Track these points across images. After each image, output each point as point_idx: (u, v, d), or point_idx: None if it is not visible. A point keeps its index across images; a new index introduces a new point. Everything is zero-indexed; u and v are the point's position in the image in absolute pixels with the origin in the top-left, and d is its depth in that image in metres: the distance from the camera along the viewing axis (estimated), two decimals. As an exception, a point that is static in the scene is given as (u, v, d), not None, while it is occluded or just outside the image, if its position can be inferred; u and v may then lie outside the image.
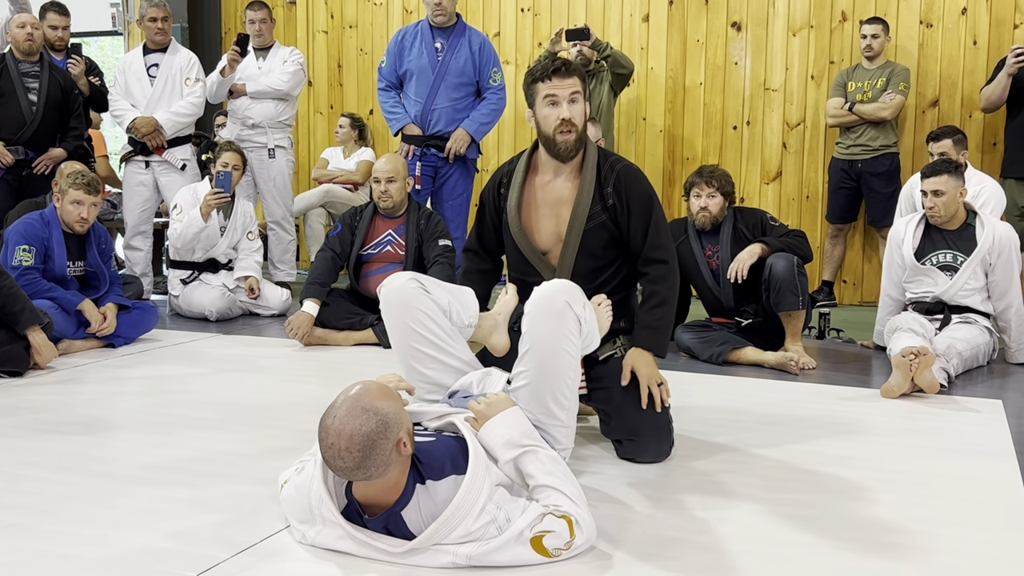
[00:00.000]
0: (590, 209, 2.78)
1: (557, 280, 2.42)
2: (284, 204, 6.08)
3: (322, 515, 2.02)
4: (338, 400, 1.91)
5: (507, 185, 2.89)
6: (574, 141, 2.74)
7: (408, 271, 2.60)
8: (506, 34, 6.86)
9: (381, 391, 1.92)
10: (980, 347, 4.10)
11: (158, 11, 5.63)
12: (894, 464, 2.77)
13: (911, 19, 6.00)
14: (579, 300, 2.36)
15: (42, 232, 4.32)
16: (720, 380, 3.90)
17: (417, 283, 2.51)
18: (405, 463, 1.94)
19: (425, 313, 2.50)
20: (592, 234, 2.79)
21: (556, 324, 2.32)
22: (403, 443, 1.89)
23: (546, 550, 1.96)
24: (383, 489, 1.94)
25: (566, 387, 2.38)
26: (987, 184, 4.81)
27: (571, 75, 2.72)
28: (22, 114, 5.34)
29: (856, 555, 2.10)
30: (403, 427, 1.90)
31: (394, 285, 2.52)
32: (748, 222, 4.34)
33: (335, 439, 1.85)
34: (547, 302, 2.34)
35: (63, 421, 3.16)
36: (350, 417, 1.85)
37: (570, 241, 2.80)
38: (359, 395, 1.89)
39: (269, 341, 4.70)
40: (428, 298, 2.52)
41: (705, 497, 2.46)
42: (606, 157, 2.85)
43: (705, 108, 6.46)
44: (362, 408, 1.86)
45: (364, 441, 1.84)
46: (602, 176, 2.80)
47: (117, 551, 2.07)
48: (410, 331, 2.50)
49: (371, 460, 1.85)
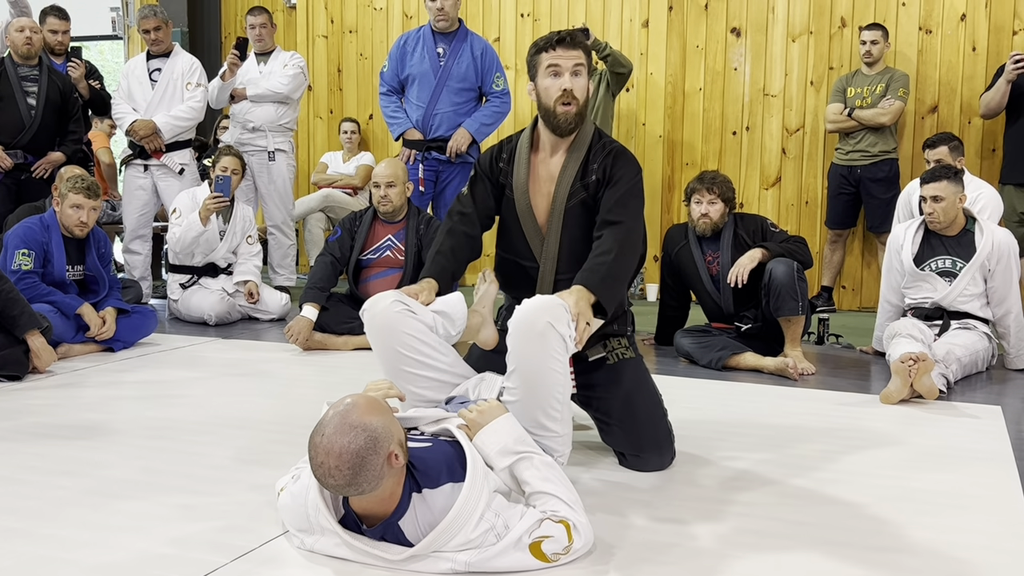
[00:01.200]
0: (571, 186, 2.68)
1: (539, 297, 2.35)
2: (284, 208, 6.08)
3: (319, 524, 2.01)
4: (327, 417, 1.88)
5: (508, 160, 2.79)
6: (574, 114, 2.64)
7: (390, 291, 2.52)
8: (506, 39, 6.87)
9: (370, 405, 1.89)
10: (979, 353, 4.10)
11: (149, 23, 5.63)
12: (893, 470, 2.77)
13: (910, 25, 6.01)
14: (562, 319, 2.28)
15: (41, 236, 4.32)
16: (719, 385, 3.90)
17: (401, 304, 2.46)
18: (399, 474, 1.93)
19: (412, 335, 2.46)
20: (574, 212, 2.69)
21: (539, 345, 2.26)
22: (395, 456, 1.87)
23: (545, 555, 1.96)
24: (379, 501, 1.93)
25: (556, 401, 2.33)
26: (984, 190, 4.81)
27: (576, 47, 2.63)
28: (21, 118, 5.34)
29: (854, 561, 2.09)
30: (394, 439, 1.88)
31: (377, 309, 2.46)
32: (748, 228, 4.34)
33: (324, 457, 1.83)
34: (529, 323, 2.27)
35: (62, 425, 3.15)
36: (338, 435, 1.83)
37: (553, 220, 2.70)
38: (347, 411, 1.87)
39: (268, 345, 4.70)
40: (413, 319, 2.47)
41: (702, 503, 2.46)
42: (600, 137, 2.74)
43: (705, 114, 6.47)
44: (350, 425, 1.84)
45: (354, 458, 1.81)
46: (591, 153, 2.70)
47: (116, 556, 2.07)
48: (399, 355, 2.47)
49: (362, 476, 1.83)
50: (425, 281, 2.65)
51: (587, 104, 2.71)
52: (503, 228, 2.85)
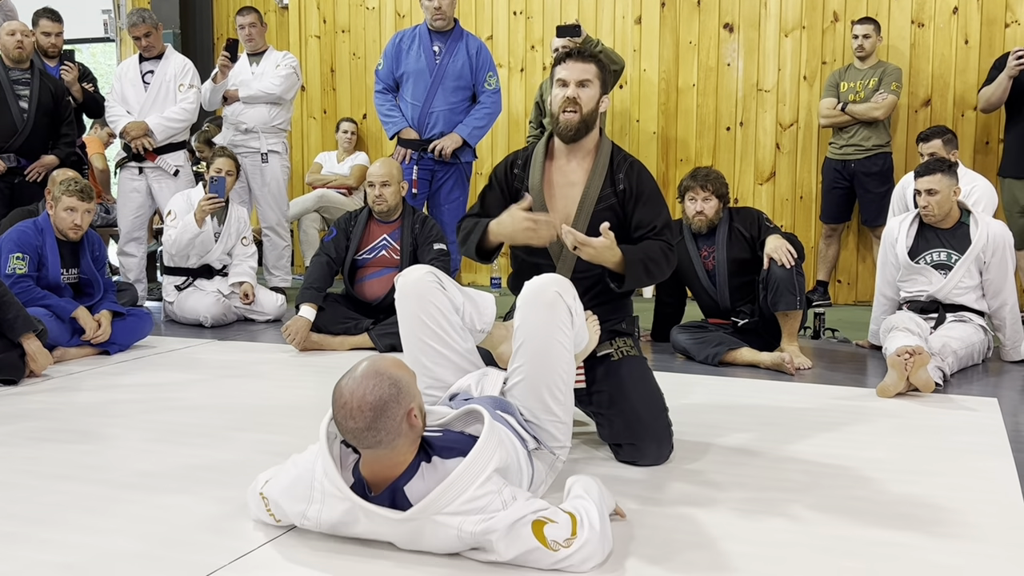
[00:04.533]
0: (601, 191, 2.84)
1: (547, 274, 2.44)
2: (279, 209, 6.07)
3: (326, 489, 2.02)
4: (357, 366, 1.96)
5: (522, 167, 2.94)
6: (576, 121, 2.81)
7: (425, 265, 2.61)
8: (499, 37, 6.86)
9: (398, 363, 1.98)
10: (975, 345, 4.11)
11: (137, 29, 5.63)
12: (890, 463, 2.77)
13: (903, 19, 6.02)
14: (569, 291, 2.38)
15: (36, 240, 4.31)
16: (716, 381, 3.90)
17: (435, 277, 2.54)
18: (415, 438, 1.97)
19: (438, 308, 2.52)
20: (600, 216, 2.81)
21: (547, 314, 2.34)
22: (414, 414, 1.92)
23: (545, 538, 1.93)
24: (390, 464, 1.96)
25: (561, 380, 2.39)
26: (978, 183, 4.82)
27: (586, 61, 2.85)
28: (13, 122, 5.33)
29: (852, 554, 2.10)
30: (415, 399, 1.94)
31: (411, 277, 2.54)
32: (745, 222, 4.34)
33: (348, 398, 1.90)
34: (537, 293, 2.36)
35: (58, 429, 3.15)
36: (365, 379, 1.91)
37: (579, 222, 2.84)
38: (376, 360, 1.96)
39: (264, 347, 4.69)
40: (443, 294, 2.53)
41: (700, 497, 2.46)
42: (619, 150, 2.93)
43: (698, 110, 6.47)
44: (377, 371, 1.92)
45: (377, 403, 1.88)
46: (615, 163, 2.88)
47: (112, 559, 2.07)
48: (421, 323, 2.52)
49: (381, 423, 1.88)
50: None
51: (594, 114, 2.85)
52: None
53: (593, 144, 2.89)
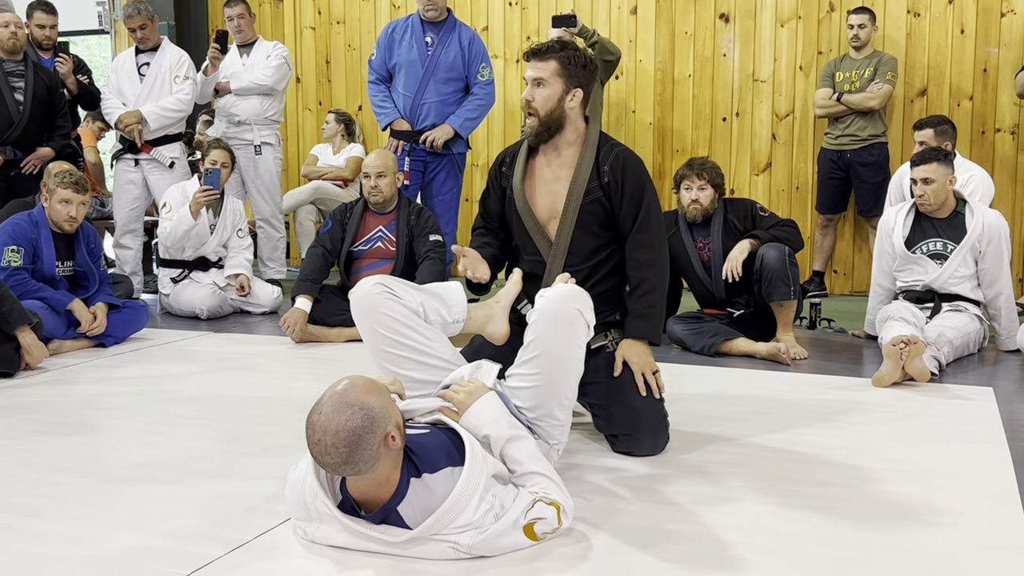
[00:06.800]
0: (587, 184, 2.81)
1: (564, 286, 2.42)
2: (272, 201, 6.06)
3: (317, 510, 2.01)
4: (324, 396, 1.90)
5: (509, 164, 2.94)
6: (536, 125, 2.78)
7: (376, 276, 2.60)
8: (494, 28, 6.85)
9: (368, 386, 1.92)
10: (971, 335, 4.11)
11: (132, 21, 5.61)
12: (886, 452, 2.78)
13: (898, 8, 6.01)
14: (588, 306, 2.37)
15: (31, 232, 4.30)
16: (712, 371, 3.90)
17: (383, 287, 2.52)
18: (396, 457, 1.94)
19: (393, 317, 2.50)
20: (588, 210, 2.81)
21: (568, 332, 2.33)
22: (391, 437, 1.88)
23: (536, 535, 2.02)
24: (376, 484, 1.94)
25: (570, 390, 2.42)
26: (975, 172, 4.82)
27: (543, 59, 2.77)
28: (9, 114, 5.31)
29: (848, 544, 2.10)
30: (391, 421, 1.89)
31: (360, 292, 2.53)
32: (739, 213, 4.34)
33: (321, 435, 1.85)
34: (559, 309, 2.33)
35: (54, 421, 3.15)
36: (335, 413, 1.85)
37: (567, 215, 2.82)
38: (345, 391, 1.89)
39: (260, 339, 4.69)
40: (395, 302, 2.51)
41: (696, 488, 2.47)
42: (607, 140, 2.89)
43: (694, 100, 6.46)
44: (347, 403, 1.86)
45: (350, 436, 1.83)
46: (601, 155, 2.84)
47: (110, 550, 2.07)
48: (379, 336, 2.51)
49: (358, 455, 1.84)
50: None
51: (555, 112, 2.79)
52: (512, 226, 2.97)
53: (576, 136, 2.85)
